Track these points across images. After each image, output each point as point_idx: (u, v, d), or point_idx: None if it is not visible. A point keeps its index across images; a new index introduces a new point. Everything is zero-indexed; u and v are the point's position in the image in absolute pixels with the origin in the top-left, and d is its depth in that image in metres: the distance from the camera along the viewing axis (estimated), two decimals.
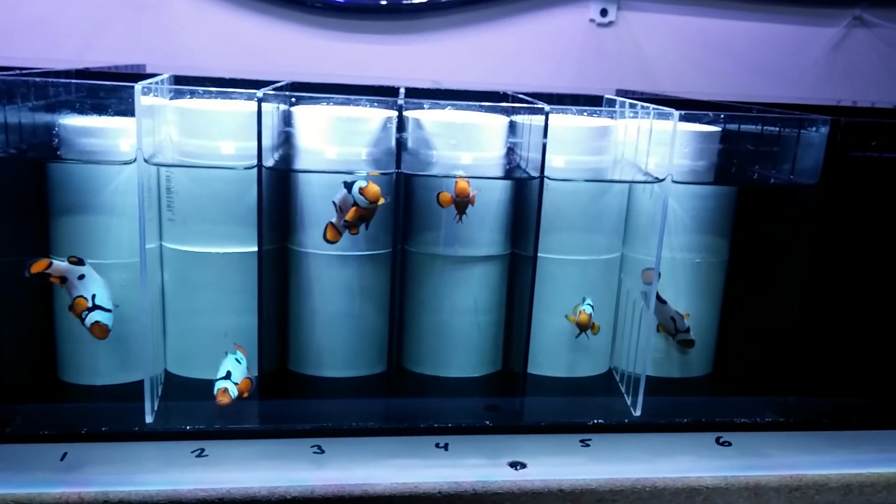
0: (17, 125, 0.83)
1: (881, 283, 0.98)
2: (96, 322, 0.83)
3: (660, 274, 0.91)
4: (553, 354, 1.01)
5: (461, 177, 0.87)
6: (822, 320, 0.95)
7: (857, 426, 0.95)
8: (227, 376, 0.83)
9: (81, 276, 0.85)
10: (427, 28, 1.55)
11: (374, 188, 0.81)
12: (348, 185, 0.83)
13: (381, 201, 0.82)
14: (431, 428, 0.88)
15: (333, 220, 0.86)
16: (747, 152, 0.96)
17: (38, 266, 0.84)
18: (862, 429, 0.95)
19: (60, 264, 0.85)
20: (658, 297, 0.93)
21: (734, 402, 0.98)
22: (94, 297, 0.84)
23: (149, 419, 0.85)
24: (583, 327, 0.95)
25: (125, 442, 0.83)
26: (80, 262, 0.86)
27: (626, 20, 1.61)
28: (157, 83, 0.85)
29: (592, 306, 0.95)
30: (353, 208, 0.83)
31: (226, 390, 0.82)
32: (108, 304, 0.85)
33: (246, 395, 0.84)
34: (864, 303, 0.98)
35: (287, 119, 0.91)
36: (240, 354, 0.87)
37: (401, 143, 0.86)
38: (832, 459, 0.88)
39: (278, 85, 0.97)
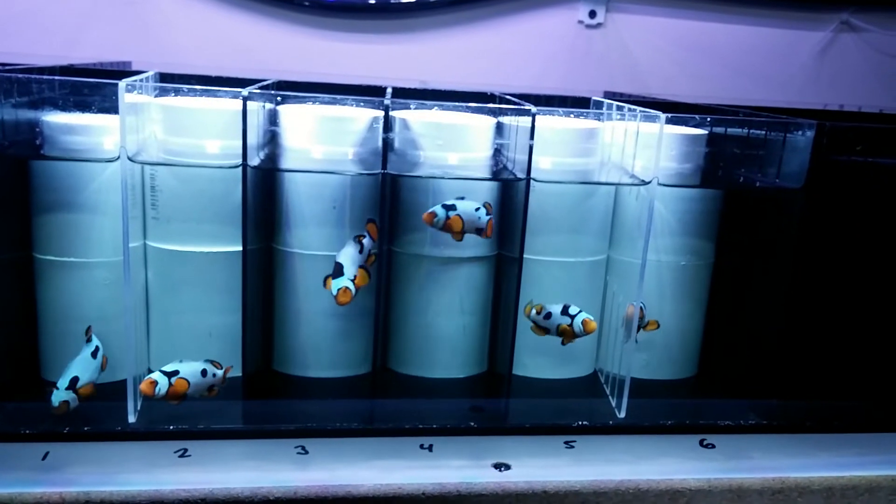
0: (0, 122, 0.83)
1: (866, 287, 0.98)
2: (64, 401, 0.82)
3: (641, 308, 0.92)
4: (538, 356, 1.01)
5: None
6: (806, 323, 0.96)
7: (839, 429, 0.96)
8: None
9: None
10: (415, 28, 1.55)
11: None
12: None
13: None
14: (416, 429, 0.88)
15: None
16: (733, 156, 0.97)
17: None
18: (844, 432, 0.96)
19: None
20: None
21: (718, 405, 0.98)
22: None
23: (132, 419, 0.84)
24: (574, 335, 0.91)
25: (108, 441, 0.82)
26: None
27: (614, 22, 1.61)
28: (141, 80, 0.84)
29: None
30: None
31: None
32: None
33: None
34: (849, 306, 0.98)
35: (273, 118, 0.91)
36: (189, 368, 0.84)
37: (387, 144, 0.86)
38: (815, 462, 0.88)
39: (264, 83, 0.97)
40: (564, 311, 0.91)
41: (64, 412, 0.81)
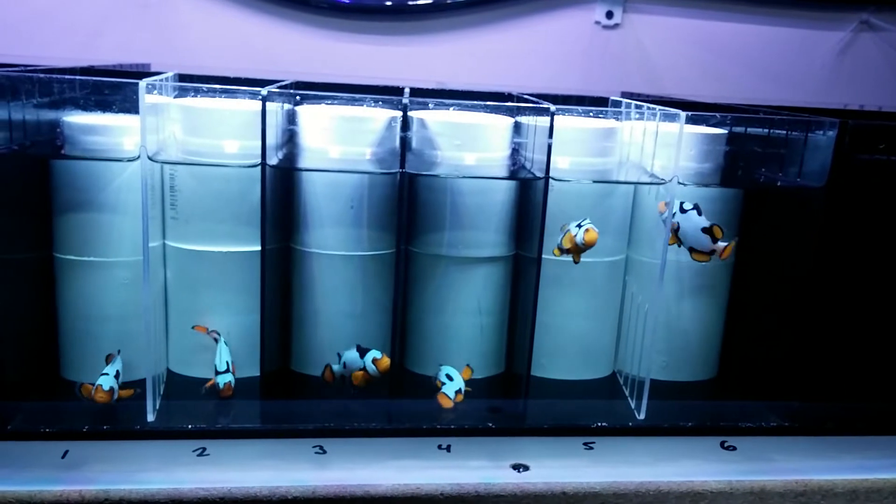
0: (22, 122, 0.83)
1: (888, 287, 0.97)
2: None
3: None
4: (557, 357, 1.01)
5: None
6: (828, 324, 0.95)
7: (863, 431, 0.95)
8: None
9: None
10: (432, 29, 1.55)
11: (387, 362, 0.87)
12: (362, 351, 0.88)
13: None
14: (434, 429, 0.88)
15: (335, 367, 0.91)
16: (754, 155, 0.96)
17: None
18: (868, 434, 0.95)
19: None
20: None
21: (739, 406, 0.97)
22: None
23: (150, 418, 0.84)
24: (589, 245, 0.87)
25: (127, 440, 0.83)
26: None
27: (631, 22, 1.61)
28: (161, 81, 0.84)
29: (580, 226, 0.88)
30: (362, 373, 0.88)
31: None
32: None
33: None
34: (871, 306, 0.97)
35: (291, 118, 0.91)
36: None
37: (405, 143, 0.86)
38: (838, 465, 0.87)
39: (283, 84, 0.97)
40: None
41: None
